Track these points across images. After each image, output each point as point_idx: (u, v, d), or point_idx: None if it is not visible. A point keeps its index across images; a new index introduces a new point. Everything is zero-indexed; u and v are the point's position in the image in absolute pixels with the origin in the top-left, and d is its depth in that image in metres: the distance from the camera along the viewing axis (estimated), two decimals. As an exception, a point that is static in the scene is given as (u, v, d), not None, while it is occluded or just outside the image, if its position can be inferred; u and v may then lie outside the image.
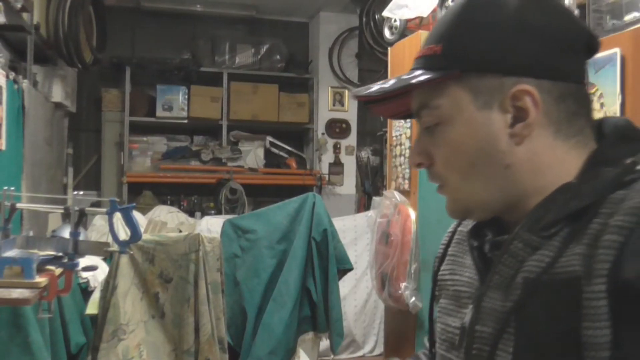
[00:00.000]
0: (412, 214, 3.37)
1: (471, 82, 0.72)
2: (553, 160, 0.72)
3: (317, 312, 3.05)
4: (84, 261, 1.88)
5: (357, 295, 4.32)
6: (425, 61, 0.76)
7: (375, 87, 0.77)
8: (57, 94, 4.27)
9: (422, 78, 0.74)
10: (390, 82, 0.76)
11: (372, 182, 5.74)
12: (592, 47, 0.74)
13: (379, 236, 3.59)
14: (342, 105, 5.72)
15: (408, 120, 3.54)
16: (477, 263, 0.79)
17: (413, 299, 3.02)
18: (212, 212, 5.14)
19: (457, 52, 0.73)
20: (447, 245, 0.90)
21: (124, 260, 2.50)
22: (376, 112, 0.85)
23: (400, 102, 0.79)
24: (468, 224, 0.86)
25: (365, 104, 0.83)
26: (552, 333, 0.65)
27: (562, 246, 0.67)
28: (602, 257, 0.62)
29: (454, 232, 0.91)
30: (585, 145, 0.73)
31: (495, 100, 0.72)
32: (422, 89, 0.76)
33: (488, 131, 0.72)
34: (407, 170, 3.55)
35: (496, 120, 0.72)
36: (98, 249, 1.80)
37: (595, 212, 0.66)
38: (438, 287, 0.89)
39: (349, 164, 5.74)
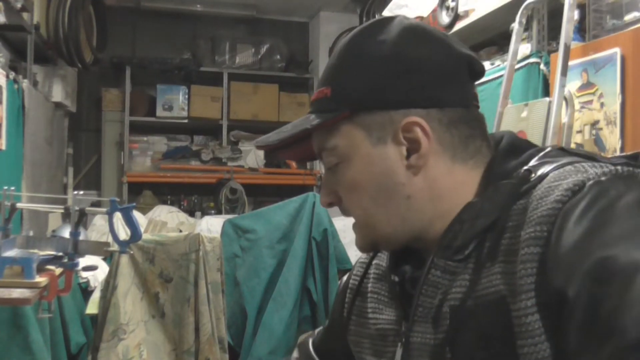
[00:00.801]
0: (412, 214, 3.37)
1: (362, 120, 0.73)
2: (453, 184, 0.73)
3: (317, 312, 3.05)
4: (84, 261, 1.88)
5: (357, 295, 4.32)
6: (318, 105, 0.78)
7: (273, 135, 0.80)
8: (57, 93, 4.27)
9: (315, 122, 0.76)
10: (286, 129, 0.79)
11: (372, 182, 5.74)
12: (476, 71, 0.75)
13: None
14: (342, 105, 5.72)
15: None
16: (400, 299, 0.77)
17: (413, 298, 3.02)
18: (212, 212, 5.14)
19: (344, 92, 0.74)
20: (362, 277, 0.88)
21: (124, 260, 2.50)
22: (282, 157, 0.89)
23: (303, 146, 0.81)
24: (384, 257, 0.85)
25: (270, 152, 0.84)
26: (490, 357, 0.64)
27: (478, 267, 0.67)
28: (524, 272, 0.61)
29: (368, 265, 0.89)
30: (483, 164, 0.75)
31: (388, 135, 0.73)
32: (319, 132, 0.77)
33: (385, 165, 0.73)
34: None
35: (391, 154, 0.73)
36: (98, 249, 1.80)
37: (503, 227, 0.66)
38: (353, 321, 0.88)
39: (349, 163, 5.74)
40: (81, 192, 4.77)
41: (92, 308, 2.55)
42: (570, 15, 2.11)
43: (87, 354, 2.53)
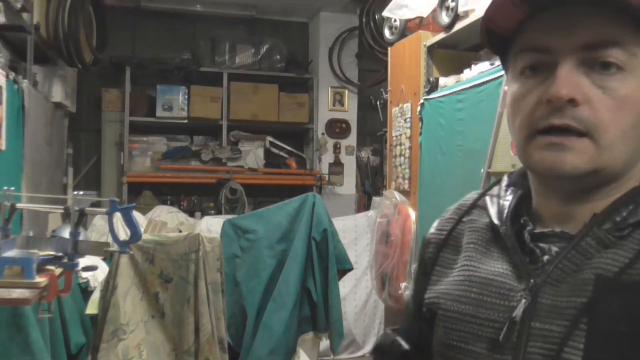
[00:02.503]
0: (412, 214, 3.37)
1: None
2: None
3: (317, 312, 3.05)
4: (84, 261, 1.88)
5: (357, 295, 4.32)
6: None
7: None
8: (57, 94, 4.27)
9: None
10: None
11: (372, 182, 5.74)
12: None
13: (379, 236, 3.59)
14: (342, 105, 5.72)
15: (408, 120, 3.55)
16: (517, 253, 0.75)
17: (413, 299, 3.02)
18: (212, 212, 5.14)
19: None
20: (450, 231, 0.87)
21: (124, 260, 2.50)
22: (495, 8, 0.73)
23: (559, 15, 0.69)
24: (482, 214, 0.84)
25: None
26: (633, 333, 0.63)
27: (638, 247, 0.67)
28: None
29: (458, 221, 0.87)
30: None
31: None
32: (623, 23, 0.68)
33: None
34: (407, 170, 3.56)
35: None
36: (98, 249, 1.80)
37: None
38: (436, 272, 0.86)
39: (349, 164, 5.74)
40: (81, 193, 4.76)
41: (92, 308, 2.55)
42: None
43: (87, 354, 2.53)
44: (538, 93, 0.70)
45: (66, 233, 1.77)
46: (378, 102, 5.63)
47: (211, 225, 3.75)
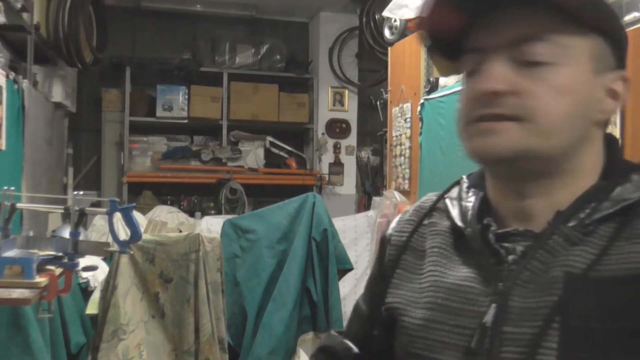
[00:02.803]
0: (412, 214, 3.37)
1: (599, 45, 0.72)
2: (596, 150, 0.75)
3: (317, 312, 3.05)
4: (84, 261, 1.88)
5: (357, 295, 4.30)
6: None
7: None
8: (57, 94, 4.27)
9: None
10: None
11: (372, 182, 5.74)
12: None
13: (379, 236, 3.59)
14: (342, 105, 5.72)
15: (408, 120, 3.55)
16: (483, 255, 0.74)
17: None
18: (212, 212, 5.14)
19: (610, 11, 0.73)
20: (411, 233, 0.85)
21: (124, 260, 2.50)
22: (433, 14, 0.75)
23: (464, 18, 0.74)
24: (442, 217, 0.83)
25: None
26: (607, 329, 0.64)
27: (608, 244, 0.67)
28: None
29: (419, 223, 0.85)
30: (599, 141, 0.76)
31: (606, 73, 0.73)
32: (547, 19, 0.70)
33: (592, 97, 0.72)
34: (407, 170, 3.56)
35: (599, 89, 0.73)
36: (98, 249, 1.80)
37: (637, 213, 0.68)
38: (398, 275, 0.84)
39: (349, 164, 5.74)
40: (81, 192, 4.77)
41: (92, 308, 2.55)
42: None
43: (87, 354, 2.53)
44: (470, 90, 0.73)
45: (66, 233, 1.77)
46: (378, 102, 5.62)
47: (211, 225, 3.75)
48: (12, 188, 1.74)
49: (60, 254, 1.68)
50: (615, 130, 2.08)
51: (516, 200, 0.75)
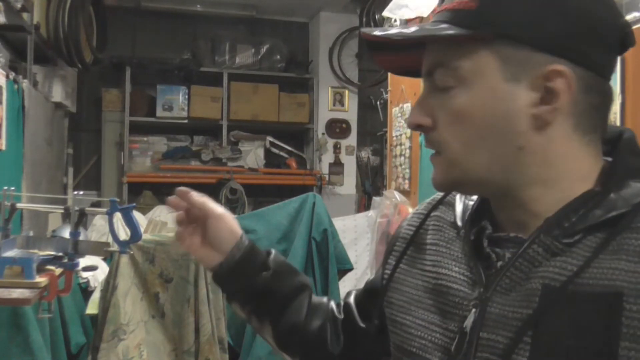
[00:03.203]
0: (412, 214, 3.37)
1: (503, 49, 0.66)
2: (567, 153, 0.68)
3: (317, 312, 3.04)
4: (84, 261, 1.88)
5: (357, 295, 4.32)
6: (453, 15, 0.68)
7: (394, 30, 0.71)
8: (57, 94, 4.27)
9: (451, 32, 0.67)
10: (411, 29, 0.70)
11: (372, 182, 5.74)
12: (627, 43, 0.71)
13: (379, 236, 3.60)
14: (342, 105, 5.72)
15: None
16: (473, 258, 0.74)
17: (413, 299, 3.02)
18: (212, 212, 5.13)
19: (495, 12, 0.66)
20: (419, 227, 0.84)
21: (124, 260, 2.50)
22: (379, 61, 0.78)
23: (410, 56, 0.74)
24: (448, 211, 0.82)
25: (371, 50, 0.76)
26: (579, 347, 0.61)
27: (588, 256, 0.64)
28: None
29: (427, 216, 0.84)
30: (596, 145, 0.70)
31: (525, 75, 0.66)
32: (442, 45, 0.70)
33: (509, 107, 0.67)
34: (407, 170, 3.56)
35: (521, 97, 0.66)
36: (98, 249, 1.80)
37: (627, 226, 0.63)
38: (401, 270, 0.84)
39: (349, 164, 5.74)
40: (81, 192, 4.77)
41: (92, 308, 2.55)
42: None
43: (87, 354, 2.53)
44: None
45: (66, 233, 1.77)
46: (378, 102, 5.63)
47: (211, 225, 3.74)
48: (12, 188, 1.74)
49: (60, 254, 1.68)
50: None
51: (504, 209, 0.74)
